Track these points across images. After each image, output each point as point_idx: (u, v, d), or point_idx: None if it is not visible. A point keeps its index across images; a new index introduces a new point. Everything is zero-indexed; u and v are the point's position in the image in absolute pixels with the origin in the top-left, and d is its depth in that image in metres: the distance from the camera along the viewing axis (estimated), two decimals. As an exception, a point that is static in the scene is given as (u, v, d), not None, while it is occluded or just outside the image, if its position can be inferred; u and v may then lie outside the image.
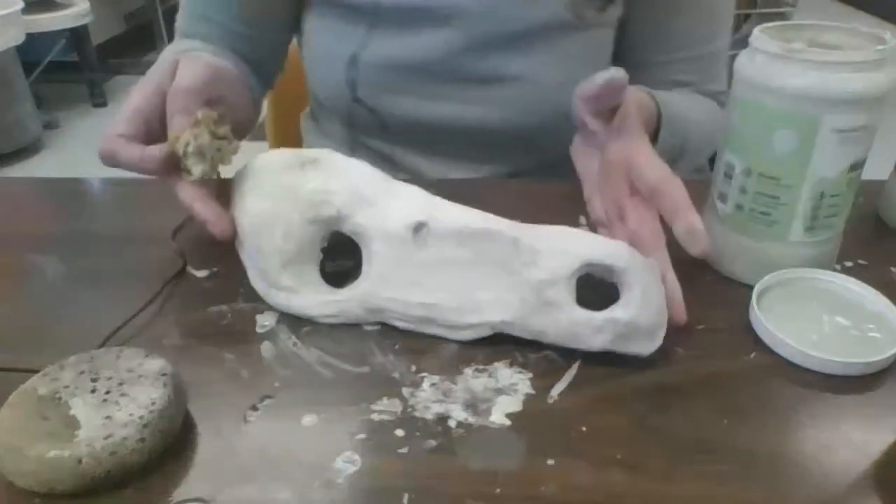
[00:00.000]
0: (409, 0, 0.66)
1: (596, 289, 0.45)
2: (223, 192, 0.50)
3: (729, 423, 0.39)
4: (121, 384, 0.37)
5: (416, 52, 0.68)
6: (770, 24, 0.49)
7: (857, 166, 0.47)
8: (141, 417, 0.35)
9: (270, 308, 0.48)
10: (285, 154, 0.48)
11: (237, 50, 0.69)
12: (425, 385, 0.42)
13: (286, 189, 0.46)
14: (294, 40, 0.77)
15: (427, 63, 0.68)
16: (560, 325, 0.43)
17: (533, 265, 0.43)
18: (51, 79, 2.88)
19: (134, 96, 0.51)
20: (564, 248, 0.43)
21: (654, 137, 0.63)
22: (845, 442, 0.38)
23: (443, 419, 0.39)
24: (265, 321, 0.47)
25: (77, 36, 2.88)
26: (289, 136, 0.99)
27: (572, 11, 0.67)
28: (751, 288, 0.48)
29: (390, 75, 0.69)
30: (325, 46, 0.71)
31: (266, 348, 0.44)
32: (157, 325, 0.47)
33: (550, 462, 0.37)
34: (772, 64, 0.45)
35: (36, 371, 0.38)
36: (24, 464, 0.34)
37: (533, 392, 0.41)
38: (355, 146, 0.77)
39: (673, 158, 0.69)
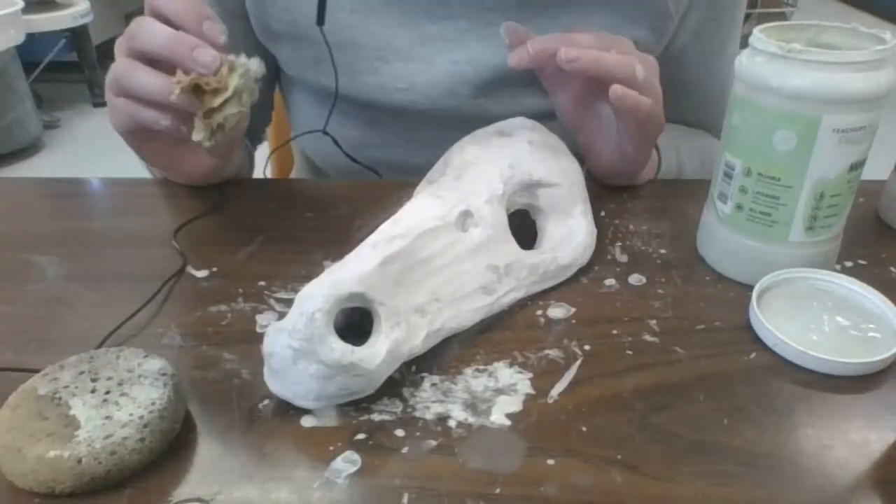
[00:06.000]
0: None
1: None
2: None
3: (729, 423, 0.39)
4: (121, 384, 0.37)
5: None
6: (770, 24, 0.49)
7: (857, 166, 0.47)
8: (141, 417, 0.35)
9: (270, 308, 0.48)
10: None
11: None
12: (425, 385, 0.42)
13: None
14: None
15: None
16: None
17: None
18: (51, 79, 2.89)
19: None
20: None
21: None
22: (845, 442, 0.38)
23: (443, 419, 0.39)
24: (265, 321, 0.47)
25: (77, 36, 2.89)
26: (285, 148, 1.00)
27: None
28: (751, 288, 0.48)
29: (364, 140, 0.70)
30: (303, 116, 0.72)
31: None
32: (156, 325, 0.47)
33: (550, 462, 0.37)
34: (772, 64, 0.45)
35: (36, 371, 0.39)
36: (24, 464, 0.34)
37: (533, 392, 0.41)
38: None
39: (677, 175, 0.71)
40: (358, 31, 0.63)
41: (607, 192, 0.64)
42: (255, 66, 0.49)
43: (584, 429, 0.39)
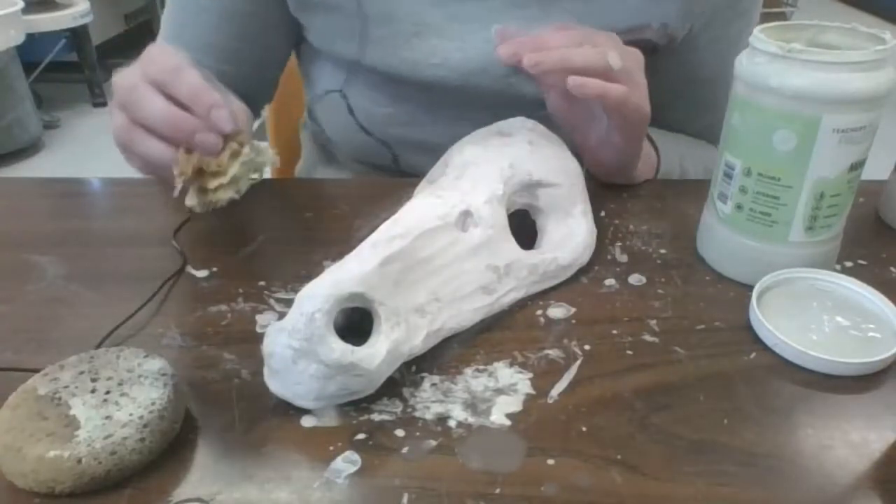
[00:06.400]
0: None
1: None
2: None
3: (729, 423, 0.39)
4: (121, 384, 0.37)
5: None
6: (770, 24, 0.49)
7: (857, 166, 0.47)
8: (141, 417, 0.35)
9: (270, 308, 0.48)
10: None
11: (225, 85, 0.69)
12: (425, 385, 0.42)
13: None
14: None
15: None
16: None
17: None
18: (51, 79, 2.88)
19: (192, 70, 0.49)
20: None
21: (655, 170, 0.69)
22: (845, 442, 0.38)
23: (443, 419, 0.39)
24: (265, 321, 0.47)
25: (77, 36, 2.88)
26: (290, 139, 1.00)
27: None
28: (751, 288, 0.48)
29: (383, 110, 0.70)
30: (321, 77, 0.72)
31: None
32: (156, 325, 0.47)
33: (550, 462, 0.37)
34: (772, 64, 0.45)
35: (36, 371, 0.39)
36: (24, 464, 0.34)
37: (533, 392, 0.41)
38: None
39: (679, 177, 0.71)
40: (394, 5, 0.63)
41: (607, 192, 0.64)
42: (265, 155, 0.51)
43: (584, 429, 0.39)
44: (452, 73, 0.65)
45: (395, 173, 0.75)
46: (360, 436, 0.38)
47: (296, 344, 0.37)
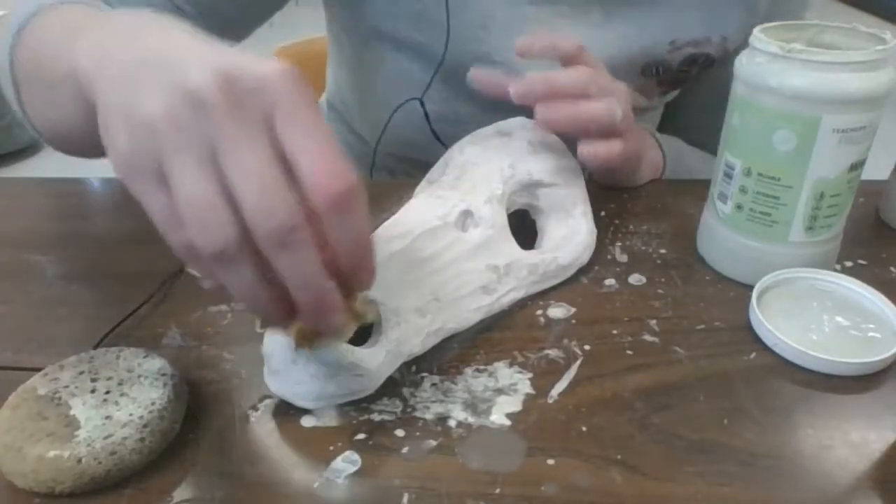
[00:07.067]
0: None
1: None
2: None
3: (729, 423, 0.39)
4: (120, 384, 0.37)
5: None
6: (770, 24, 0.49)
7: (857, 166, 0.47)
8: (141, 417, 0.35)
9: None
10: None
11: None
12: (425, 385, 0.42)
13: None
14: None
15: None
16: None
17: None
18: (51, 79, 2.88)
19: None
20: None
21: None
22: (845, 442, 0.38)
23: (443, 419, 0.39)
24: (265, 321, 0.47)
25: (77, 36, 2.88)
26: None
27: (644, 95, 0.68)
28: (751, 288, 0.48)
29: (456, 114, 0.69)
30: (395, 84, 0.70)
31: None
32: (156, 324, 0.47)
33: (550, 462, 0.37)
34: (772, 64, 0.45)
35: (36, 371, 0.39)
36: (24, 464, 0.34)
37: (533, 392, 0.41)
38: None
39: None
40: None
41: (607, 192, 0.64)
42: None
43: (584, 429, 0.39)
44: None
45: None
46: (360, 436, 0.38)
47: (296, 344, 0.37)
